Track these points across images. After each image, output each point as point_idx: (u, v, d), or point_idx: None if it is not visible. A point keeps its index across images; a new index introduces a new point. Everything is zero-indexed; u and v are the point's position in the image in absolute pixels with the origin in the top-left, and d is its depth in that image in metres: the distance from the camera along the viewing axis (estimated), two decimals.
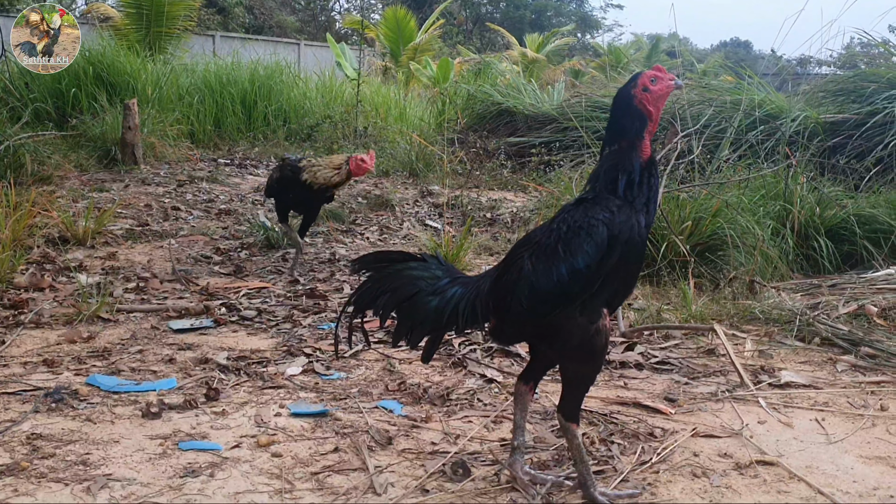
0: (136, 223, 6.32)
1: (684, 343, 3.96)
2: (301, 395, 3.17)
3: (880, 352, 3.71)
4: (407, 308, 2.44)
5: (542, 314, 2.25)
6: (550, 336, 2.31)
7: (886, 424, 3.01)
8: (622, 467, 2.59)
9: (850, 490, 2.49)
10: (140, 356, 3.52)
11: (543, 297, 2.21)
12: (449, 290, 2.41)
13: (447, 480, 2.49)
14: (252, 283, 4.87)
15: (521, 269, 2.26)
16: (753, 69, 10.06)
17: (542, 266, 2.21)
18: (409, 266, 2.50)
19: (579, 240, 2.17)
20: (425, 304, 2.40)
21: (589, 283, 2.18)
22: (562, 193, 6.03)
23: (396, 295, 2.45)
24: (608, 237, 2.16)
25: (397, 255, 2.59)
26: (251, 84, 11.56)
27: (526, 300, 2.23)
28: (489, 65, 15.09)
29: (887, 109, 7.49)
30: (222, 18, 25.98)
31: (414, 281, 2.45)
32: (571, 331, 2.25)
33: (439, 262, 2.54)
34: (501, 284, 2.31)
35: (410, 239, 6.47)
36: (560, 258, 2.19)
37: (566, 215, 2.26)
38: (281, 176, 5.17)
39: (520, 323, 2.32)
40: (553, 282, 2.19)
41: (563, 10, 43.24)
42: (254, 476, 2.48)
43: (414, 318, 2.43)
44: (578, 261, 2.16)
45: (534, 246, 2.28)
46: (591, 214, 2.19)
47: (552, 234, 2.25)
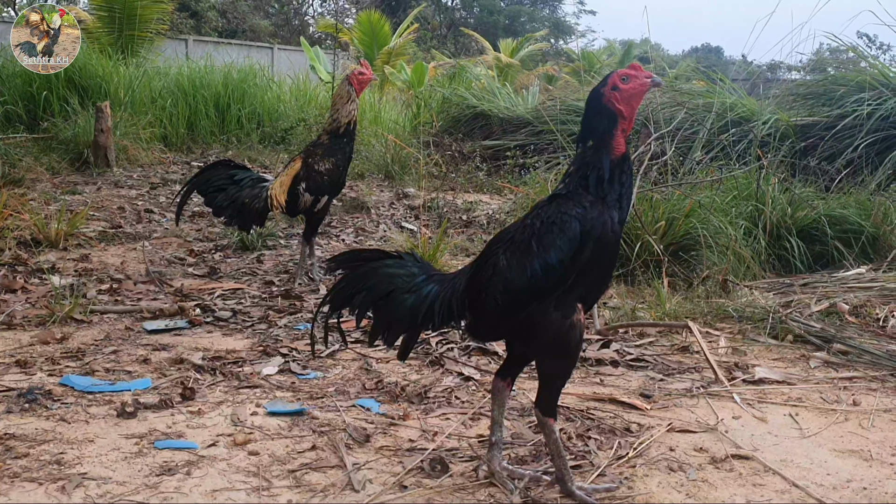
0: (110, 225, 6.26)
1: (659, 341, 3.99)
2: (277, 394, 3.15)
3: (852, 348, 3.76)
4: (383, 306, 2.43)
5: (516, 310, 2.26)
6: (526, 332, 2.32)
7: (859, 419, 3.06)
8: (599, 462, 2.61)
9: (823, 483, 2.52)
10: (114, 357, 3.49)
11: (517, 292, 2.23)
12: (424, 287, 2.41)
13: (425, 476, 2.49)
14: (227, 284, 4.84)
15: (496, 265, 2.28)
16: (724, 74, 10.16)
17: (516, 262, 2.23)
18: (385, 264, 2.50)
19: (552, 235, 2.19)
20: (401, 302, 2.40)
21: (562, 279, 2.20)
22: (537, 195, 6.05)
23: (372, 293, 2.45)
24: (580, 232, 2.18)
25: (373, 253, 2.59)
26: (225, 87, 11.47)
27: (500, 296, 2.25)
28: (464, 69, 15.13)
29: (857, 112, 7.61)
30: (195, 22, 25.82)
31: (390, 279, 2.45)
32: (546, 326, 2.26)
33: (415, 259, 2.54)
34: (476, 281, 2.33)
35: (387, 241, 6.46)
36: (534, 253, 2.20)
37: (539, 211, 2.29)
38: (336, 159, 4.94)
39: (495, 319, 2.32)
40: (527, 277, 2.21)
41: (537, 15, 43.41)
42: (231, 474, 2.46)
43: (390, 317, 2.43)
44: (551, 256, 2.18)
45: (508, 242, 2.29)
46: (564, 210, 2.22)
47: (526, 229, 2.26)
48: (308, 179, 4.86)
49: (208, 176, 4.95)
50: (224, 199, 4.89)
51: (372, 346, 2.73)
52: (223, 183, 4.91)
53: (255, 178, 5.01)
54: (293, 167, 4.92)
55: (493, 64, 22.30)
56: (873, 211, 5.65)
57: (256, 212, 4.91)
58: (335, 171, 4.92)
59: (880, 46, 21.50)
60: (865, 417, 3.07)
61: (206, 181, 4.93)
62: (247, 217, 4.91)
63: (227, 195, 4.89)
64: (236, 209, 4.88)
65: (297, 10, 34.86)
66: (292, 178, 4.88)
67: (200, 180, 4.94)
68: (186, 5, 25.01)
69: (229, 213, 4.89)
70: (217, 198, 4.90)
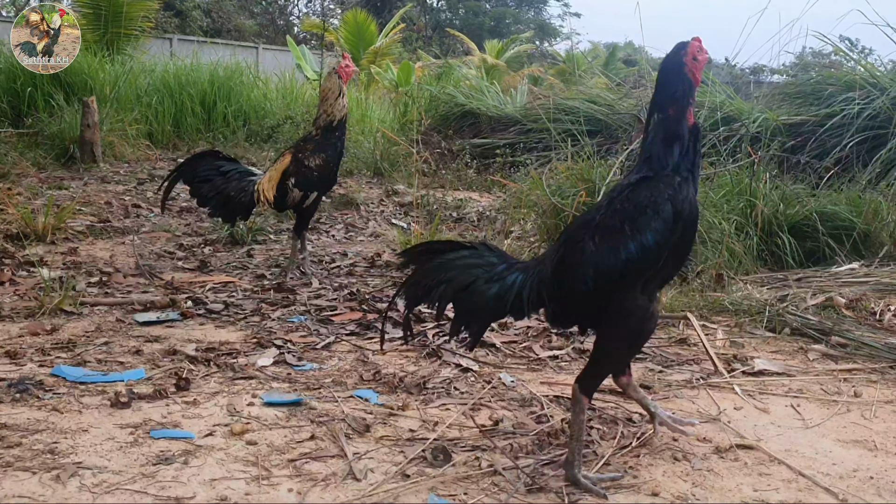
0: (97, 220, 6.18)
1: (656, 333, 3.97)
2: (273, 385, 3.10)
3: (850, 340, 3.75)
4: (465, 297, 2.40)
5: (608, 293, 2.26)
6: (609, 316, 2.32)
7: (861, 410, 3.04)
8: (603, 451, 2.57)
9: (830, 472, 2.50)
10: (106, 348, 3.43)
11: (610, 275, 2.23)
12: (508, 275, 2.39)
13: (428, 466, 2.45)
14: (217, 277, 4.78)
15: (583, 250, 2.27)
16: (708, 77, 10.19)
17: (608, 245, 2.23)
18: (461, 255, 2.47)
19: (647, 217, 2.21)
20: (484, 291, 2.37)
21: (657, 259, 2.23)
22: (529, 191, 6.02)
23: (452, 285, 2.41)
24: (673, 213, 2.21)
25: (446, 244, 2.58)
26: (211, 85, 11.39)
27: (591, 280, 2.25)
28: (451, 68, 15.09)
29: (845, 111, 7.63)
30: (180, 21, 25.65)
31: (469, 269, 2.42)
32: (631, 311, 2.28)
33: (490, 249, 2.52)
34: (564, 266, 2.31)
35: (377, 237, 6.42)
36: (627, 236, 2.21)
37: (629, 194, 2.28)
38: (327, 155, 4.85)
39: (581, 304, 2.32)
40: (622, 260, 2.21)
41: (522, 17, 43.46)
42: (229, 463, 2.41)
43: (474, 307, 2.39)
44: (647, 237, 2.21)
45: (595, 227, 2.29)
46: (657, 192, 2.23)
47: (616, 214, 2.26)
48: (297, 175, 4.78)
49: (195, 165, 4.88)
50: (210, 190, 4.82)
51: (453, 339, 2.64)
52: (210, 174, 4.85)
53: (242, 171, 4.94)
54: (282, 162, 4.85)
55: (479, 65, 22.29)
56: (864, 208, 5.65)
57: (242, 205, 4.84)
58: (326, 167, 4.84)
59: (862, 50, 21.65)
60: (867, 408, 3.05)
61: (193, 170, 4.86)
62: (231, 210, 4.85)
63: (213, 186, 4.82)
64: (221, 201, 4.81)
65: (282, 10, 34.72)
66: (281, 173, 4.81)
67: (187, 169, 4.88)
68: (171, 4, 24.85)
69: (214, 203, 4.82)
70: (203, 188, 4.83)
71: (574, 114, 9.44)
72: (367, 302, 4.28)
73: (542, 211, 5.61)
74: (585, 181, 5.33)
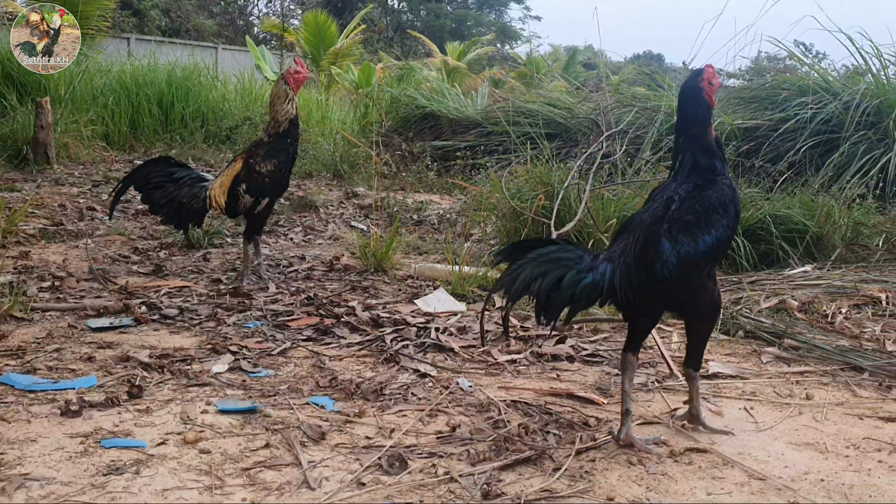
0: (51, 223, 6.07)
1: (613, 336, 4.00)
2: (228, 392, 3.06)
3: (803, 343, 3.81)
4: (563, 288, 2.64)
5: (687, 277, 2.61)
6: (688, 299, 2.69)
7: (812, 412, 3.09)
8: (559, 456, 2.58)
9: (781, 475, 2.53)
10: (57, 355, 3.36)
11: (692, 263, 2.59)
12: (599, 266, 2.67)
13: (384, 474, 2.44)
14: (173, 282, 4.72)
15: (662, 243, 2.59)
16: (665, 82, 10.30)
17: (687, 238, 2.58)
18: (551, 250, 2.73)
19: (718, 215, 2.61)
20: (579, 281, 2.64)
21: (726, 248, 2.71)
22: (490, 194, 6.03)
23: (549, 277, 2.65)
24: (735, 212, 2.65)
25: (536, 241, 2.91)
26: (168, 85, 11.25)
27: (674, 268, 2.57)
28: (412, 70, 15.08)
29: (798, 116, 7.76)
30: (137, 21, 25.31)
31: (561, 262, 2.68)
32: (704, 293, 2.69)
33: (569, 244, 2.82)
34: (647, 258, 2.61)
35: (337, 240, 6.38)
36: (703, 230, 2.59)
37: (696, 195, 2.63)
38: (279, 160, 4.78)
39: (663, 290, 2.63)
40: (701, 251, 2.58)
41: (483, 20, 43.63)
42: (182, 473, 2.38)
43: (571, 297, 2.65)
44: (721, 231, 2.61)
45: (672, 222, 2.61)
46: (723, 194, 2.64)
47: (691, 211, 2.61)
48: (248, 181, 4.72)
49: (147, 172, 4.81)
50: (162, 197, 4.75)
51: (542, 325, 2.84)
52: (161, 180, 4.78)
53: (194, 177, 4.87)
54: (234, 167, 4.78)
55: (440, 67, 22.30)
56: (817, 211, 5.75)
57: (194, 211, 4.77)
58: (277, 173, 4.77)
59: (816, 55, 22.04)
60: (819, 411, 3.10)
61: (145, 177, 4.78)
62: (183, 216, 4.78)
63: (164, 193, 4.76)
64: (173, 208, 4.75)
65: (242, 10, 34.43)
66: (232, 179, 4.75)
67: (138, 176, 4.80)
68: (129, 3, 24.50)
69: (166, 211, 4.76)
70: (154, 195, 4.76)
71: (534, 117, 9.50)
72: (324, 307, 4.25)
73: (502, 214, 5.63)
74: (545, 185, 5.36)
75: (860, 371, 3.55)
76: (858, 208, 6.00)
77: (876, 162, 6.96)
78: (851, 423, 3.01)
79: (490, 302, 2.74)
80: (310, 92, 13.70)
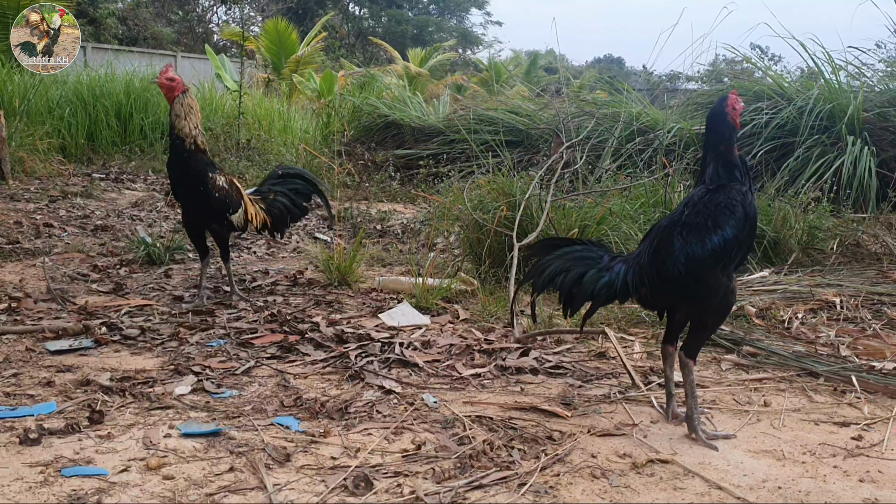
0: (6, 241, 5.98)
1: (576, 347, 4.04)
2: (191, 414, 3.04)
3: (760, 350, 3.88)
4: (583, 284, 2.95)
5: (697, 275, 2.82)
6: (700, 295, 2.87)
7: (770, 419, 3.15)
8: (523, 472, 2.60)
9: (741, 484, 2.58)
10: (15, 380, 3.31)
11: (700, 262, 2.80)
12: (615, 266, 2.97)
13: (349, 495, 2.44)
14: (134, 300, 4.67)
15: (673, 244, 2.84)
16: (626, 84, 10.42)
17: (695, 239, 2.81)
18: (576, 249, 3.06)
19: (724, 217, 2.81)
20: (598, 279, 2.95)
21: (734, 248, 2.82)
22: (452, 203, 6.05)
23: (572, 273, 2.97)
24: (743, 213, 2.81)
25: (563, 241, 3.25)
26: (126, 96, 11.14)
27: (683, 266, 2.81)
28: (374, 78, 15.08)
29: (755, 121, 7.90)
30: (93, 29, 24.94)
31: (583, 261, 3.00)
32: (717, 290, 2.86)
33: (594, 244, 3.12)
34: (659, 258, 2.87)
35: (300, 252, 6.36)
36: (711, 231, 2.80)
37: (706, 199, 2.86)
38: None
39: (674, 287, 2.86)
40: (708, 250, 2.80)
41: (444, 25, 43.69)
42: (145, 500, 2.36)
43: (590, 293, 2.95)
44: (727, 231, 2.80)
45: (682, 225, 2.86)
46: (730, 197, 2.83)
47: (699, 214, 2.84)
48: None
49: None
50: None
51: (568, 317, 3.11)
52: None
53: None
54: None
55: (402, 73, 22.31)
56: (773, 216, 5.86)
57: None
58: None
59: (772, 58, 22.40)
60: (776, 417, 3.16)
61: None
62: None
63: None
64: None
65: (201, 18, 34.13)
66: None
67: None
68: (84, 11, 24.15)
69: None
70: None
71: (495, 124, 9.54)
72: (288, 323, 4.24)
73: (465, 224, 5.65)
74: (506, 195, 5.39)
75: (816, 376, 3.63)
76: (813, 212, 6.11)
77: (830, 165, 7.11)
78: (808, 428, 3.07)
79: (519, 293, 3.08)
80: (271, 101, 13.64)
